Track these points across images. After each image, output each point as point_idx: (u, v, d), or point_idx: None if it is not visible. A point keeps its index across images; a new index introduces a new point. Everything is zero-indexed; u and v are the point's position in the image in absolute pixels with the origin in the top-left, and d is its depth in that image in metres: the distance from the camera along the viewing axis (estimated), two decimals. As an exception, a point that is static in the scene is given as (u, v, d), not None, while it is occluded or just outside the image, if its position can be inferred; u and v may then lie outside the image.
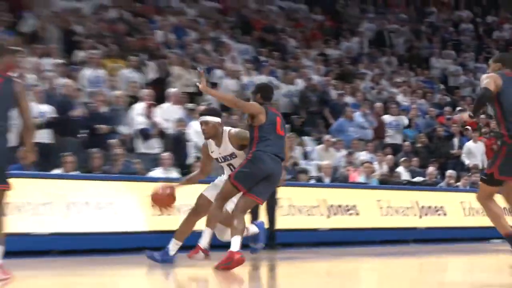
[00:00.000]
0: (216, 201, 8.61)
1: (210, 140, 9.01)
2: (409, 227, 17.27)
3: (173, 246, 9.05)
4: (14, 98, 6.90)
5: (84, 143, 14.38)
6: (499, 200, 8.73)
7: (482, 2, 39.25)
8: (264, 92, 8.90)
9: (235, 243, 8.59)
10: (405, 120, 21.63)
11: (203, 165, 9.54)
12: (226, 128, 9.17)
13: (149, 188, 10.93)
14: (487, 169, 8.57)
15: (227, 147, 8.87)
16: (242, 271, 9.16)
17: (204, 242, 8.61)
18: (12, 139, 7.72)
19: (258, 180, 8.34)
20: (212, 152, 9.06)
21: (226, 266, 8.53)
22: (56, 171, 12.96)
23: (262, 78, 19.90)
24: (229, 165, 8.97)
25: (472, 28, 34.77)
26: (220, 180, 9.29)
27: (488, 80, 8.03)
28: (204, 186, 10.14)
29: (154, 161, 14.53)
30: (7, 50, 7.68)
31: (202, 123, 9.03)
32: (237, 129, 9.28)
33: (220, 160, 9.10)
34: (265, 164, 8.25)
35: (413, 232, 17.27)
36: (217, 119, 8.92)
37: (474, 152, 20.11)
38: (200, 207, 9.14)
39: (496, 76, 8.11)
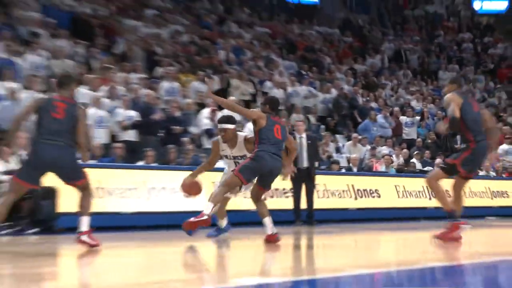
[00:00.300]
0: (220, 188, 8.67)
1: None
2: (421, 207, 17.25)
3: (220, 222, 9.52)
4: (75, 120, 7.06)
5: (162, 141, 14.50)
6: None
7: (480, 26, 39.10)
8: (271, 104, 8.86)
9: (267, 225, 8.69)
10: (417, 118, 21.96)
11: (212, 158, 9.48)
12: (242, 134, 9.32)
13: (213, 176, 11.48)
14: (450, 160, 8.78)
15: (241, 150, 8.94)
16: (286, 242, 9.53)
17: (206, 211, 8.28)
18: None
19: (260, 174, 8.37)
20: (222, 151, 9.04)
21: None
22: (140, 163, 13.14)
23: (303, 89, 20.28)
24: (235, 162, 8.94)
25: (472, 47, 34.82)
26: (227, 172, 9.33)
27: (453, 105, 8.22)
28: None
29: (217, 155, 14.61)
30: (75, 80, 8.16)
31: (221, 130, 8.93)
32: (251, 135, 9.14)
33: (229, 158, 9.10)
34: (266, 162, 8.20)
35: (424, 211, 17.17)
36: (233, 126, 8.89)
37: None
38: None
39: (456, 97, 8.30)
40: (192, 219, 7.95)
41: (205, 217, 8.10)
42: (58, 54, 15.09)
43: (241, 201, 11.13)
